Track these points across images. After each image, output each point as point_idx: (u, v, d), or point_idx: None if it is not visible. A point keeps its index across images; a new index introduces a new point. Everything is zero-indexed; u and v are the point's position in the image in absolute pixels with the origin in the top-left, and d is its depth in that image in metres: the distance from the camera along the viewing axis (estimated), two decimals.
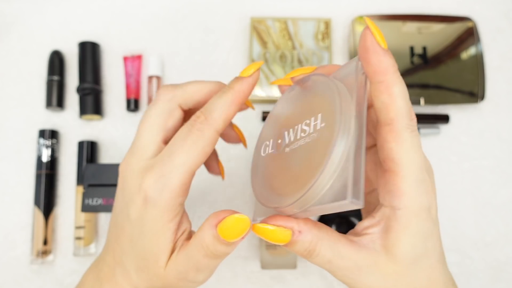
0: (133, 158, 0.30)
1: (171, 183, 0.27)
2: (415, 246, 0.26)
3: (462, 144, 0.52)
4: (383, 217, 0.26)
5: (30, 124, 0.53)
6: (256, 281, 0.49)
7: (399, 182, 0.25)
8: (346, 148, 0.24)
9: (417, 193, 0.25)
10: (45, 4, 0.56)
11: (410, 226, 0.25)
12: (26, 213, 0.51)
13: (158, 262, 0.28)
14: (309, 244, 0.26)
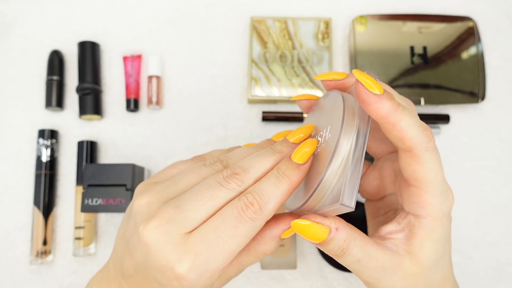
0: (171, 226, 0.26)
1: (213, 268, 0.26)
2: (437, 250, 0.28)
3: (463, 144, 0.52)
4: (408, 224, 0.28)
5: (29, 124, 0.53)
6: (256, 281, 0.49)
7: (424, 195, 0.27)
8: (345, 157, 0.25)
9: (440, 203, 0.27)
10: (45, 4, 0.56)
11: (434, 232, 0.27)
12: (26, 213, 0.51)
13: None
14: (344, 242, 0.27)
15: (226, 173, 0.27)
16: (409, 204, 0.28)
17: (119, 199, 0.46)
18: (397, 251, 0.28)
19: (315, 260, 0.49)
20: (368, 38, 0.53)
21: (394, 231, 0.29)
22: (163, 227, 0.26)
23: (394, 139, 0.26)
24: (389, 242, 0.28)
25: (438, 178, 0.27)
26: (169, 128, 0.53)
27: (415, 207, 0.27)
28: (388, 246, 0.28)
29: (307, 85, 0.52)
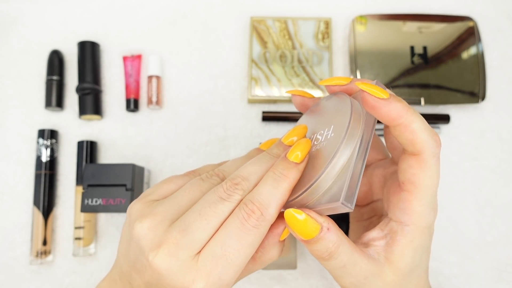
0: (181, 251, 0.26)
1: (226, 282, 0.26)
2: (414, 258, 0.28)
3: (463, 144, 0.52)
4: (390, 231, 0.28)
5: (29, 124, 0.53)
6: (256, 281, 0.49)
7: (414, 202, 0.27)
8: (348, 157, 0.26)
9: (426, 213, 0.27)
10: (45, 4, 0.56)
11: (414, 241, 0.28)
12: (26, 213, 0.51)
13: None
14: (333, 245, 0.26)
15: (226, 185, 0.27)
16: (395, 210, 0.28)
17: (119, 199, 0.46)
18: (378, 259, 0.28)
19: (315, 260, 0.49)
20: (368, 38, 0.53)
21: (376, 238, 0.29)
22: (173, 252, 0.25)
23: (405, 141, 0.26)
24: (371, 249, 0.28)
25: (433, 187, 0.27)
26: (169, 128, 0.53)
27: (401, 213, 0.27)
28: (370, 254, 0.28)
29: (307, 85, 0.52)
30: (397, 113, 0.25)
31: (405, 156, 0.27)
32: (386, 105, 0.25)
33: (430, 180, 0.27)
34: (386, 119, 0.26)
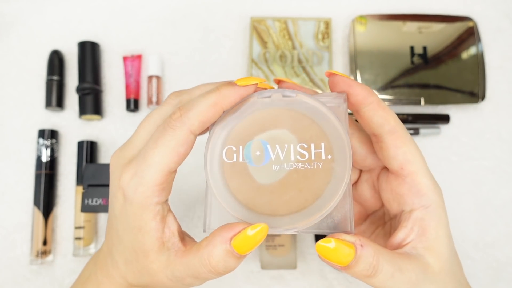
0: (122, 152, 0.29)
1: (145, 181, 0.27)
2: (449, 237, 0.28)
3: (463, 144, 0.52)
4: (416, 221, 0.28)
5: (29, 124, 0.53)
6: (256, 281, 0.49)
7: (423, 179, 0.28)
8: (348, 184, 0.26)
9: (436, 188, 0.28)
10: (45, 4, 0.56)
11: (442, 219, 0.28)
12: (26, 213, 0.51)
13: (148, 258, 0.28)
14: (373, 258, 0.25)
15: (173, 115, 0.27)
16: (412, 199, 0.28)
17: None
18: (418, 253, 0.27)
19: (315, 260, 0.49)
20: (368, 38, 0.53)
21: (406, 235, 0.28)
22: (118, 152, 0.29)
23: (380, 119, 0.27)
24: (406, 248, 0.27)
25: (424, 160, 0.28)
26: None
27: (418, 198, 0.28)
28: (410, 252, 0.27)
29: (307, 85, 0.52)
30: (369, 90, 0.27)
31: (385, 141, 0.28)
32: (359, 84, 0.27)
33: (419, 154, 0.28)
34: (360, 96, 0.27)
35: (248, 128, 0.28)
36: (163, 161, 0.26)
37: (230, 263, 0.26)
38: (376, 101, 0.27)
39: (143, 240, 0.27)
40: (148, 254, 0.28)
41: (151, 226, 0.27)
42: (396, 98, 0.51)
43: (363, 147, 0.31)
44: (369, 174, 0.32)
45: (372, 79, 0.52)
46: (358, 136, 0.31)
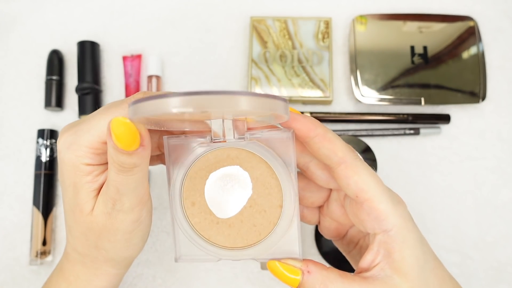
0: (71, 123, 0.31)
1: (80, 141, 0.28)
2: (417, 256, 0.28)
3: (463, 144, 0.52)
4: (381, 244, 0.28)
5: (29, 124, 0.53)
6: (256, 281, 0.49)
7: (379, 205, 0.28)
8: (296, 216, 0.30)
9: (396, 210, 0.28)
10: (44, 4, 0.56)
11: (406, 240, 0.28)
12: (25, 214, 0.51)
13: (83, 211, 0.29)
14: (320, 285, 0.27)
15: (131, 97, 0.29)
16: (372, 224, 0.28)
17: None
18: (385, 275, 0.28)
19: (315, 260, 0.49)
20: (368, 38, 0.53)
21: (373, 257, 0.28)
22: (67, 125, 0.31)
23: (327, 152, 0.28)
24: (375, 270, 0.28)
25: (380, 185, 0.28)
26: None
27: (377, 223, 0.28)
28: (376, 275, 0.28)
29: (307, 85, 0.52)
30: (313, 123, 0.28)
31: (336, 173, 0.28)
32: (304, 117, 0.28)
33: (372, 180, 0.28)
34: (305, 128, 0.28)
35: (201, 168, 0.31)
36: (101, 127, 0.28)
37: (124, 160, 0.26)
38: (322, 133, 0.28)
39: (77, 196, 0.29)
40: (83, 208, 0.29)
41: (86, 180, 0.28)
42: (396, 98, 0.51)
43: (323, 173, 0.31)
44: (337, 193, 0.33)
45: (372, 79, 0.52)
46: (317, 163, 0.31)
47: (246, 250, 0.30)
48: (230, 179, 0.30)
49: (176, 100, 0.22)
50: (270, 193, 0.30)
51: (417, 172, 0.51)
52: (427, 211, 0.50)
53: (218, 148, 0.30)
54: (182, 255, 0.31)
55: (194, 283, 0.49)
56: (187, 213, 0.31)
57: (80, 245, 0.31)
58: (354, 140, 0.47)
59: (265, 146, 0.30)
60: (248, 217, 0.30)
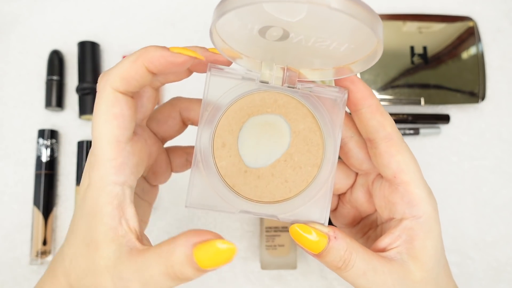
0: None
1: (98, 158, 0.25)
2: (437, 249, 0.28)
3: (463, 144, 0.52)
4: (404, 230, 0.27)
5: (29, 124, 0.53)
6: (256, 281, 0.49)
7: (416, 190, 0.27)
8: (331, 182, 0.28)
9: (429, 198, 0.28)
10: (45, 4, 0.56)
11: (432, 231, 0.27)
12: (26, 214, 0.51)
13: (98, 251, 0.24)
14: (344, 253, 0.26)
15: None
16: (403, 208, 0.28)
17: None
18: (401, 259, 0.27)
19: (315, 260, 0.49)
20: None
21: (392, 241, 0.28)
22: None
23: (376, 124, 0.27)
24: (391, 252, 0.28)
25: (419, 170, 0.28)
26: None
27: (409, 207, 0.27)
28: (392, 257, 0.27)
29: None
30: (371, 92, 0.27)
31: (379, 148, 0.27)
32: (361, 82, 0.27)
33: (414, 164, 0.27)
34: (361, 95, 0.27)
35: (243, 108, 0.28)
36: (104, 130, 0.25)
37: (187, 272, 0.23)
38: (375, 104, 0.27)
39: (96, 228, 0.25)
40: (98, 246, 0.24)
41: (106, 211, 0.25)
42: (396, 98, 0.51)
43: (361, 152, 0.30)
44: (365, 178, 0.32)
45: (372, 79, 0.52)
46: (357, 140, 0.30)
47: (271, 206, 0.27)
48: (270, 128, 0.28)
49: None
50: (309, 150, 0.28)
51: None
52: None
53: (267, 91, 0.28)
54: (195, 201, 0.27)
55: (194, 283, 0.49)
56: (214, 154, 0.27)
57: (77, 278, 0.25)
58: None
59: (317, 99, 0.28)
60: (281, 172, 0.28)
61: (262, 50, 0.26)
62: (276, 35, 0.24)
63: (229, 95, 0.28)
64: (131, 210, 0.26)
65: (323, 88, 0.28)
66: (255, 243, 0.50)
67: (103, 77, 0.26)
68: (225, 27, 0.24)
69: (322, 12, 0.21)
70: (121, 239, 0.25)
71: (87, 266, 0.25)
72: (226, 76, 0.28)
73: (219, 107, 0.28)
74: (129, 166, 0.26)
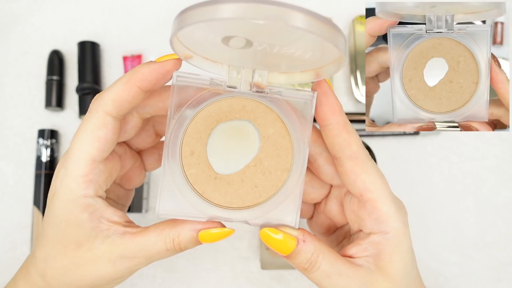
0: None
1: (69, 172, 0.26)
2: (406, 262, 0.28)
3: (463, 144, 0.52)
4: (371, 244, 0.28)
5: (29, 124, 0.53)
6: (256, 281, 0.49)
7: (383, 207, 0.27)
8: (300, 185, 0.28)
9: (398, 214, 0.28)
10: (45, 4, 0.56)
11: (400, 245, 0.28)
12: (26, 213, 0.51)
13: (82, 247, 0.27)
14: (312, 255, 0.27)
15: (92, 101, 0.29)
16: (371, 224, 0.28)
17: None
18: (369, 267, 0.28)
19: None
20: None
21: (357, 252, 0.29)
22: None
23: (342, 142, 0.27)
24: (359, 259, 0.28)
25: (386, 187, 0.28)
26: None
27: (377, 224, 0.28)
28: (359, 263, 0.28)
29: (307, 85, 0.52)
30: (340, 108, 0.27)
31: (344, 167, 0.28)
32: (335, 98, 0.27)
33: (379, 181, 0.27)
34: (329, 109, 0.27)
35: (211, 115, 0.28)
36: (83, 148, 0.26)
37: (191, 246, 0.28)
38: (343, 121, 0.27)
39: (74, 232, 0.27)
40: (80, 244, 0.27)
41: (82, 217, 0.27)
42: None
43: (330, 168, 0.31)
44: (339, 190, 0.32)
45: None
46: (327, 157, 0.30)
47: (241, 212, 0.28)
48: (239, 133, 0.28)
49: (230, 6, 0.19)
50: (279, 155, 0.28)
51: (417, 172, 0.51)
52: (427, 211, 0.50)
53: (234, 97, 0.28)
54: (165, 209, 0.28)
55: (194, 283, 0.49)
56: (183, 162, 0.27)
57: (54, 276, 0.28)
58: None
59: (286, 104, 0.28)
60: (250, 177, 0.28)
61: (228, 55, 0.26)
62: (240, 44, 0.24)
63: (196, 101, 0.28)
64: (109, 210, 0.28)
65: (293, 91, 0.28)
66: (255, 243, 0.50)
67: (96, 100, 0.27)
68: (187, 37, 0.24)
69: (282, 27, 0.21)
70: (106, 232, 0.27)
71: (66, 264, 0.28)
72: (192, 82, 0.27)
73: (186, 115, 0.28)
74: (99, 182, 0.28)
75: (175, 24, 0.22)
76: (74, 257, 0.27)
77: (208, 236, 0.27)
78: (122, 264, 0.27)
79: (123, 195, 0.35)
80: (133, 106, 0.27)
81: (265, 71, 0.27)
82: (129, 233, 0.27)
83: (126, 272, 0.28)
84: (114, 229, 0.27)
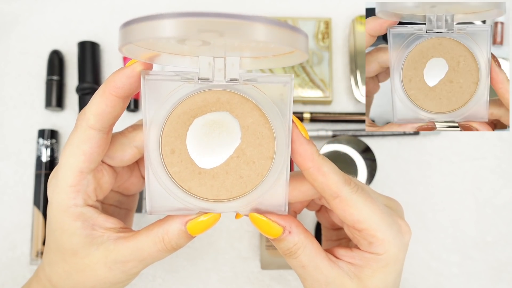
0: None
1: (59, 183, 0.28)
2: (386, 282, 0.29)
3: (463, 144, 0.52)
4: (361, 257, 0.29)
5: (29, 124, 0.53)
6: (256, 281, 0.49)
7: (377, 234, 0.28)
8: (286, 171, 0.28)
9: (395, 238, 0.28)
10: (45, 4, 0.56)
11: (388, 267, 0.28)
12: (26, 214, 0.51)
13: (77, 255, 0.29)
14: (293, 246, 0.28)
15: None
16: (366, 246, 0.29)
17: None
18: (347, 272, 0.29)
19: None
20: None
21: (348, 256, 0.30)
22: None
23: (320, 186, 0.27)
24: (342, 262, 0.29)
25: (378, 213, 0.28)
26: None
27: (370, 247, 0.28)
28: (340, 265, 0.29)
29: (307, 85, 0.52)
30: (310, 153, 0.27)
31: (332, 204, 0.28)
32: (304, 143, 0.27)
33: (368, 210, 0.28)
34: (301, 158, 0.27)
35: (186, 112, 0.27)
36: (70, 160, 0.28)
37: (182, 241, 0.28)
38: (317, 166, 0.27)
39: (69, 240, 0.28)
40: (76, 252, 0.29)
41: (75, 226, 0.28)
42: None
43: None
44: None
45: None
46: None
47: (230, 203, 0.28)
48: (217, 126, 0.27)
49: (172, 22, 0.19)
50: (260, 144, 0.28)
51: (417, 172, 0.51)
52: (427, 211, 0.50)
53: (207, 90, 0.27)
54: (156, 208, 0.28)
55: (194, 283, 0.49)
56: (165, 162, 0.27)
57: (59, 280, 0.30)
58: (354, 140, 0.47)
59: (261, 91, 0.27)
60: (235, 168, 0.28)
61: (194, 48, 0.26)
62: (197, 44, 0.24)
63: (169, 100, 0.27)
64: (101, 217, 0.29)
65: (268, 77, 0.27)
66: (255, 243, 0.50)
67: (80, 115, 0.28)
68: (142, 43, 0.24)
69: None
70: (100, 238, 0.29)
71: (69, 268, 0.29)
72: (161, 79, 0.27)
73: (161, 115, 0.27)
74: (87, 192, 0.29)
75: (119, 37, 0.22)
76: (73, 263, 0.29)
77: (196, 225, 0.28)
78: (117, 268, 0.29)
79: (124, 200, 0.35)
80: (116, 116, 0.28)
81: (237, 58, 0.26)
82: (122, 238, 0.29)
83: (123, 276, 0.29)
84: (107, 235, 0.29)
